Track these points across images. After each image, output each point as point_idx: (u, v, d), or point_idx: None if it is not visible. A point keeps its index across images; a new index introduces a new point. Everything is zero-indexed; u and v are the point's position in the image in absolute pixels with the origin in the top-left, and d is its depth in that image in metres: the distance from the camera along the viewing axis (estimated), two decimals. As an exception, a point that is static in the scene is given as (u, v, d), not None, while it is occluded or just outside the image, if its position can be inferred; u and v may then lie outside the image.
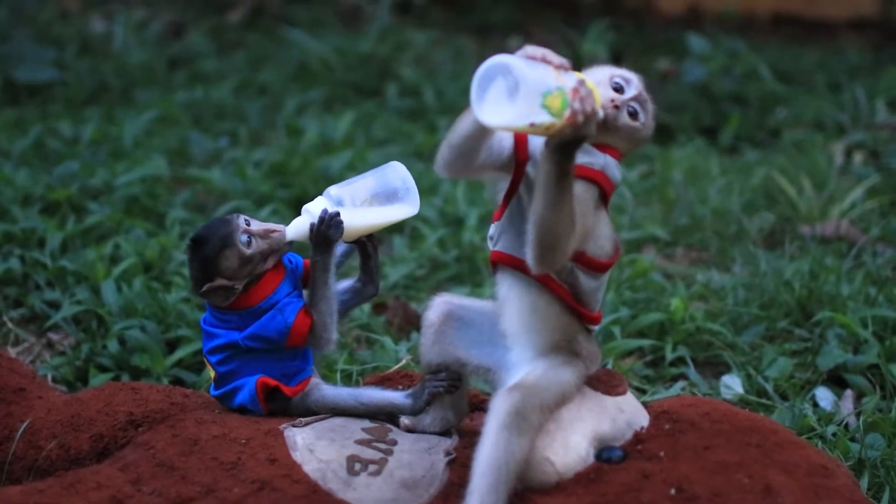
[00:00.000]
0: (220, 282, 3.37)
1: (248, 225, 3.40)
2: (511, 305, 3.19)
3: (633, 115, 3.20)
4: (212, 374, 3.47)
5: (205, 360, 3.48)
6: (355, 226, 3.42)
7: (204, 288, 3.38)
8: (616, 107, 3.16)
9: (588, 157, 3.12)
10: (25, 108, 7.14)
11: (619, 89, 3.20)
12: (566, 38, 9.03)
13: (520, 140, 3.16)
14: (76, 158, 6.03)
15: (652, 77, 8.08)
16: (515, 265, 3.15)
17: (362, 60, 8.29)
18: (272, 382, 3.40)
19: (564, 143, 2.92)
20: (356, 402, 3.42)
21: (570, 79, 2.92)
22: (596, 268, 3.17)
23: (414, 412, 3.39)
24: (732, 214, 5.92)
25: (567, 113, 2.88)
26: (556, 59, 2.94)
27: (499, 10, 10.25)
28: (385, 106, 7.73)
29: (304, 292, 3.48)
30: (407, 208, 3.46)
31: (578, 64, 3.23)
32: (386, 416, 3.42)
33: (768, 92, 7.96)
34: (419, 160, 6.35)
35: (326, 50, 8.37)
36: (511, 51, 2.95)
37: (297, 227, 3.41)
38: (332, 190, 3.44)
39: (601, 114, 3.07)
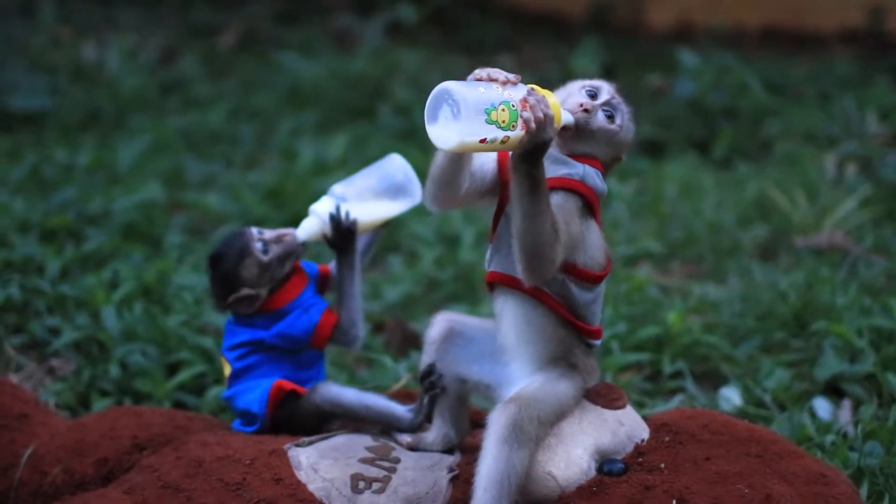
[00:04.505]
0: (244, 291, 3.49)
1: (261, 234, 3.53)
2: (507, 319, 3.23)
3: (610, 118, 3.22)
4: (227, 371, 3.52)
5: (222, 357, 3.56)
6: (362, 221, 3.57)
7: (229, 300, 3.49)
8: (586, 110, 3.17)
9: (566, 169, 3.16)
10: (20, 135, 7.14)
11: (592, 96, 3.22)
12: (557, 55, 9.04)
13: (502, 162, 3.20)
14: (72, 185, 6.04)
15: (643, 92, 8.17)
16: (509, 283, 3.18)
17: (355, 82, 8.31)
18: (288, 386, 3.44)
19: (526, 152, 2.96)
20: (360, 404, 3.46)
21: (519, 91, 2.96)
22: (589, 279, 3.19)
23: (412, 427, 3.43)
24: (726, 228, 5.94)
25: (519, 123, 2.92)
26: (503, 75, 2.97)
27: (489, 28, 10.26)
28: (378, 126, 7.74)
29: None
30: (410, 199, 3.64)
31: (569, 80, 3.28)
32: (380, 427, 3.46)
33: (759, 105, 7.95)
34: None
35: (319, 72, 8.38)
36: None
37: (307, 228, 3.59)
38: (336, 188, 3.61)
39: (571, 119, 3.11)
